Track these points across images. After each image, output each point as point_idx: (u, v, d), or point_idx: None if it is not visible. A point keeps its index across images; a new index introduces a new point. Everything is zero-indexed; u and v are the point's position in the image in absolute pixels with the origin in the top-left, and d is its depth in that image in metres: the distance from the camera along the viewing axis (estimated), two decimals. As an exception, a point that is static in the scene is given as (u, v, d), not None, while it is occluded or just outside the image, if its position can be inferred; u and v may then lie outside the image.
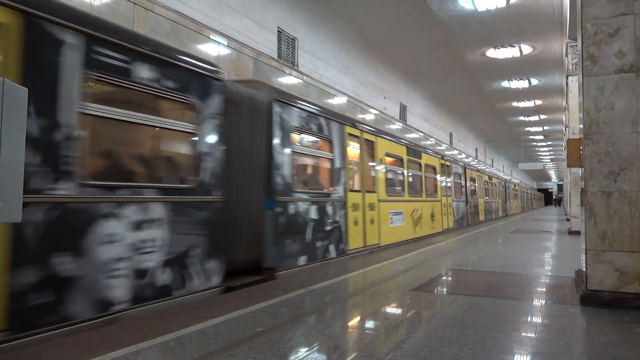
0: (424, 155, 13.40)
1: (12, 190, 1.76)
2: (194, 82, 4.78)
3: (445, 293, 5.35)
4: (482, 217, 21.61)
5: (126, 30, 4.42)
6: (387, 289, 5.42)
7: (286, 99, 6.74)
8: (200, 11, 8.67)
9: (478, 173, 21.95)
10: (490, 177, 25.35)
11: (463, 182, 18.36)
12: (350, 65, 15.00)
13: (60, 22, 3.47)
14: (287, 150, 6.58)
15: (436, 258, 8.30)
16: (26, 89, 1.77)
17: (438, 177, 14.82)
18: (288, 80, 11.20)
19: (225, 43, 9.12)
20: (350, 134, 8.62)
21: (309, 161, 7.86)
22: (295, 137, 6.98)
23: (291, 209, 6.57)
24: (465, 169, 18.85)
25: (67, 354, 3.08)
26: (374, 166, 9.68)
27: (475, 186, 20.71)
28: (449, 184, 15.99)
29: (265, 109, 6.23)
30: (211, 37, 8.74)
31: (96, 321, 3.65)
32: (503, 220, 24.70)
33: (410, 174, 12.12)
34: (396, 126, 18.44)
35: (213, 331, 3.56)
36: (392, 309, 4.53)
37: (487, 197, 23.49)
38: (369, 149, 9.49)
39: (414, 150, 12.60)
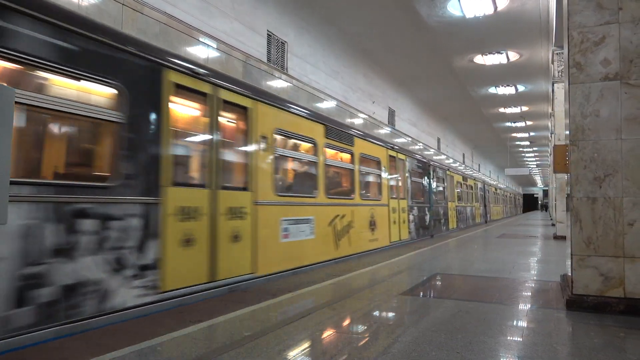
0: (358, 141, 9.73)
1: (-2, 192, 1.72)
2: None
3: (433, 297, 5.37)
4: (452, 224, 18.40)
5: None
6: (374, 294, 5.42)
7: None
8: (190, 13, 8.64)
9: (449, 172, 18.54)
10: (464, 178, 21.98)
11: (426, 182, 15.35)
12: (340, 70, 15.04)
13: None
14: None
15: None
16: (13, 89, 1.74)
17: (384, 173, 11.35)
18: (277, 84, 11.19)
19: (215, 46, 9.09)
20: (179, 86, 5.09)
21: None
22: None
23: None
24: (429, 165, 15.71)
25: (49, 359, 3.02)
26: (243, 149, 6.26)
27: (444, 187, 17.72)
28: (401, 184, 12.82)
29: None
30: (200, 39, 8.71)
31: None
32: (482, 227, 21.74)
33: (331, 165, 8.68)
34: (385, 130, 18.51)
35: (201, 335, 3.53)
36: (380, 313, 4.54)
37: (460, 202, 20.37)
38: (235, 118, 6.19)
39: (340, 133, 8.95)
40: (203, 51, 8.76)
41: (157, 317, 4.13)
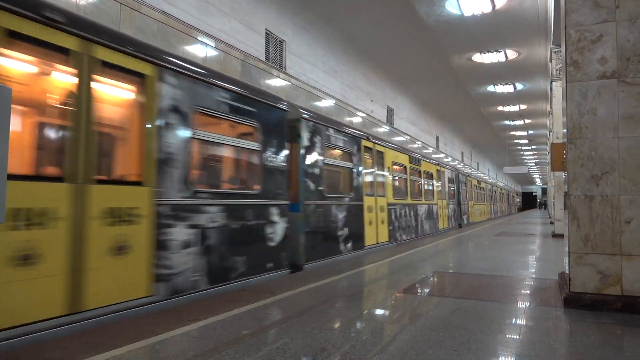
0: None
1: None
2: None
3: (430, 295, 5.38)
4: (382, 237, 10.88)
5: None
6: (372, 291, 5.43)
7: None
8: (188, 12, 8.63)
9: (366, 143, 10.44)
10: (412, 160, 13.80)
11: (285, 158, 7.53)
12: (338, 69, 15.04)
13: None
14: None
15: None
16: (10, 88, 1.74)
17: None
18: (276, 83, 11.18)
19: (213, 45, 9.09)
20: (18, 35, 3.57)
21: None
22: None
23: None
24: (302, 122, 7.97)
25: (49, 356, 3.03)
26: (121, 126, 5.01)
27: (356, 172, 9.96)
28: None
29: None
30: (199, 38, 8.70)
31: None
32: (444, 237, 14.18)
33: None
34: (383, 129, 18.51)
35: (199, 334, 3.53)
36: (379, 311, 4.55)
37: (401, 197, 12.61)
38: (125, 88, 4.83)
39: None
40: (201, 50, 8.76)
41: (156, 316, 4.13)
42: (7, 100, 1.72)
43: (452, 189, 19.27)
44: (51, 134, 4.12)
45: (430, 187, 15.90)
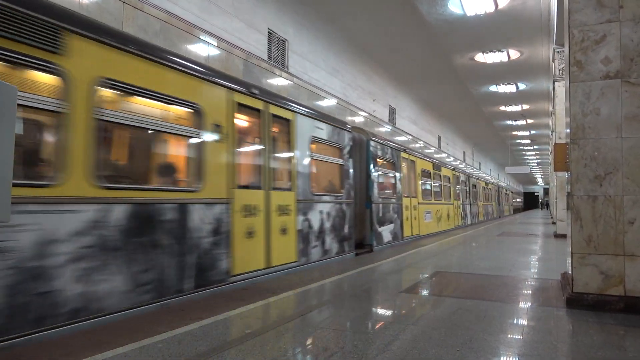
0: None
1: (0, 189, 1.72)
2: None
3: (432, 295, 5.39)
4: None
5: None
6: (375, 291, 5.44)
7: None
8: (190, 11, 8.63)
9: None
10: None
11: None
12: (340, 68, 15.03)
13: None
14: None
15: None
16: (15, 87, 1.74)
17: None
18: (278, 82, 11.19)
19: (215, 44, 9.09)
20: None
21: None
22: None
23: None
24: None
25: (49, 355, 3.04)
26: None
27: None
28: None
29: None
30: (201, 37, 8.70)
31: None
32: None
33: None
34: (385, 129, 18.50)
35: (201, 333, 3.54)
36: (381, 311, 4.55)
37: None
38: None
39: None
40: (204, 49, 8.76)
41: (158, 315, 4.14)
42: (12, 99, 1.72)
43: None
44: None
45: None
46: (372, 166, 10.18)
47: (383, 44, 15.33)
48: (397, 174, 11.81)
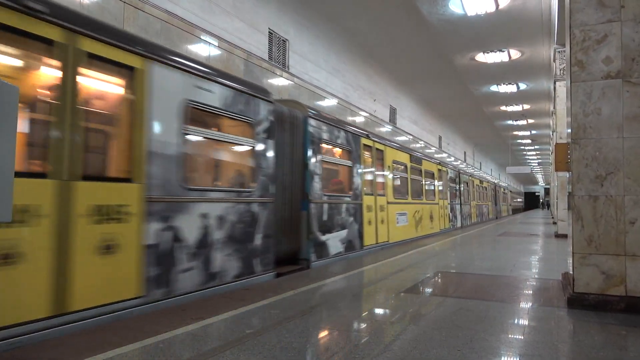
0: None
1: (1, 189, 1.72)
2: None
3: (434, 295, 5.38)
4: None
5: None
6: (376, 291, 5.43)
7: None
8: (191, 11, 8.63)
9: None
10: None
11: None
12: (340, 68, 15.03)
13: None
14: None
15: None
16: (17, 87, 1.75)
17: None
18: (279, 82, 11.19)
19: (216, 44, 9.10)
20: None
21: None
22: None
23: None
24: None
25: (51, 355, 3.04)
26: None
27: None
28: None
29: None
30: (202, 37, 8.71)
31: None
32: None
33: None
34: (386, 129, 18.50)
35: (202, 333, 3.54)
36: (382, 311, 4.55)
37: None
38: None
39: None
40: (204, 49, 8.77)
41: (159, 315, 4.14)
42: (14, 98, 1.73)
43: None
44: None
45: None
46: (311, 152, 7.66)
47: (384, 44, 15.33)
48: (357, 166, 9.30)
